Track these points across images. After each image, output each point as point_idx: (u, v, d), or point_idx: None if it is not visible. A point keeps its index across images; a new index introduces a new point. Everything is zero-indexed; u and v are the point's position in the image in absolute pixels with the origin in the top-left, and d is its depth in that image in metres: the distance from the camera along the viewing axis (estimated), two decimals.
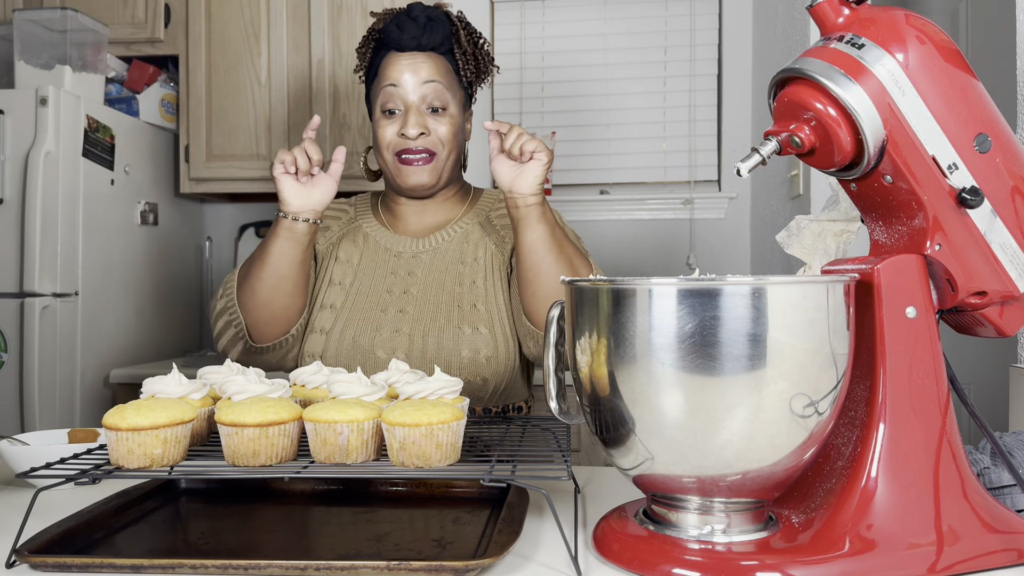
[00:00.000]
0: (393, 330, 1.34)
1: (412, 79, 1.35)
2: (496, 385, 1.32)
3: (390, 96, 1.36)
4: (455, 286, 1.37)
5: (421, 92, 1.35)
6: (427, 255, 1.42)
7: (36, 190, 2.23)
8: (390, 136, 1.36)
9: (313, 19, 2.68)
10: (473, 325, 1.33)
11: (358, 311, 1.37)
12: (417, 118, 1.35)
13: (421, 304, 1.36)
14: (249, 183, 2.72)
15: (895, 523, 0.71)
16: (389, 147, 1.37)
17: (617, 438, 0.73)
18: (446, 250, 1.42)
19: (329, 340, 1.34)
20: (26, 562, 0.71)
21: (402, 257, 1.42)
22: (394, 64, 1.36)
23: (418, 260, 1.41)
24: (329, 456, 0.80)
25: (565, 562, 0.75)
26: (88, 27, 2.46)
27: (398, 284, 1.39)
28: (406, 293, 1.38)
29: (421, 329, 1.33)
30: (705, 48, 2.93)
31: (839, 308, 0.69)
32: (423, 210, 1.45)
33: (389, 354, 1.32)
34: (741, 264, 2.92)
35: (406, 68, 1.35)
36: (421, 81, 1.35)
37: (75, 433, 1.11)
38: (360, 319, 1.35)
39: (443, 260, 1.41)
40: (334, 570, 0.69)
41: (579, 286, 0.73)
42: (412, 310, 1.35)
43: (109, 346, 2.51)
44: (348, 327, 1.35)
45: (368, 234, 1.46)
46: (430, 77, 1.35)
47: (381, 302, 1.37)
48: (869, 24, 0.73)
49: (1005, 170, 0.75)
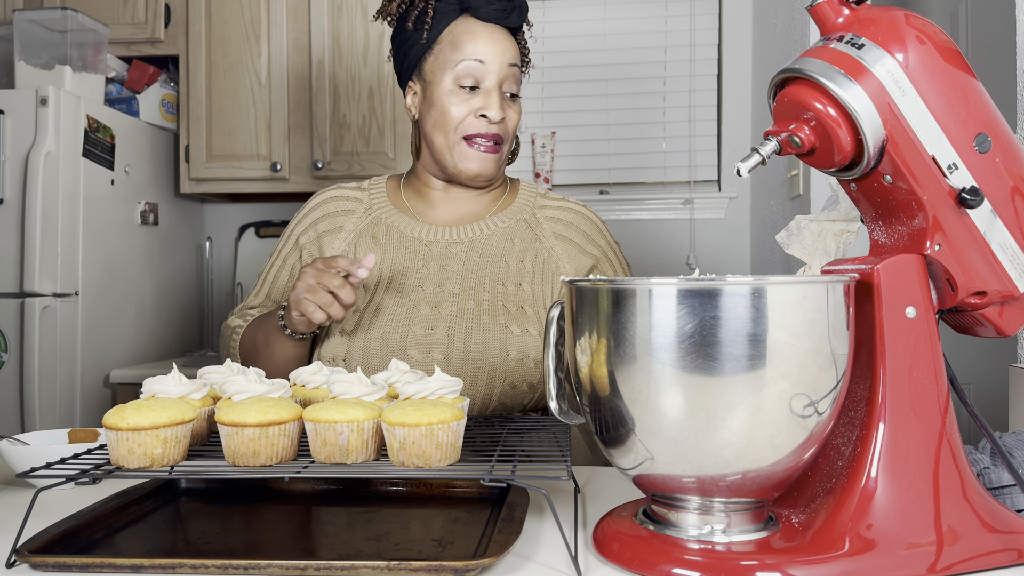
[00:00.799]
0: (428, 328, 1.22)
1: (499, 58, 1.23)
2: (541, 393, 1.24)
3: (471, 71, 1.23)
4: (498, 284, 1.26)
5: (505, 74, 1.24)
6: (461, 247, 1.30)
7: (36, 190, 2.23)
8: (463, 113, 1.24)
9: (313, 19, 2.68)
10: (522, 326, 1.22)
11: (387, 307, 1.25)
12: (499, 99, 1.24)
13: (460, 301, 1.24)
14: (249, 183, 2.73)
15: (895, 523, 0.71)
16: (458, 127, 1.25)
17: (617, 438, 0.73)
18: (485, 244, 1.30)
19: (353, 341, 1.23)
20: (26, 562, 0.71)
21: (433, 248, 1.30)
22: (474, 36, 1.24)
23: (451, 252, 1.29)
24: (329, 456, 0.80)
25: (565, 562, 0.75)
26: (88, 27, 2.46)
27: (430, 278, 1.27)
28: (440, 288, 1.26)
29: (462, 327, 1.22)
30: (705, 48, 2.93)
31: (839, 308, 0.69)
32: (459, 198, 1.34)
33: (424, 354, 1.22)
34: (741, 264, 2.92)
35: (491, 44, 1.23)
36: (507, 62, 1.24)
37: (75, 433, 1.11)
38: (389, 316, 1.24)
39: (482, 255, 1.29)
40: (334, 570, 0.69)
41: (579, 286, 0.73)
42: (448, 307, 1.24)
43: (109, 346, 2.51)
44: (375, 325, 1.23)
45: (391, 226, 1.33)
46: (513, 60, 1.25)
47: (413, 297, 1.25)
48: (869, 24, 0.73)
49: (1005, 170, 0.75)
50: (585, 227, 1.37)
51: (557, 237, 1.34)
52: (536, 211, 1.36)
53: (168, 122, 2.80)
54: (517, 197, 1.38)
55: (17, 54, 2.39)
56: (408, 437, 0.78)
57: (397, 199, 1.37)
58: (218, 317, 3.10)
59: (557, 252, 1.32)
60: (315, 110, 2.68)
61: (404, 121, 2.65)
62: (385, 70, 2.66)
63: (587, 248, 1.35)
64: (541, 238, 1.33)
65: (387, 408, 0.81)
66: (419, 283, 1.27)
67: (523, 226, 1.33)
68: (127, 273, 2.60)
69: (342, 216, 1.35)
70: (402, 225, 1.32)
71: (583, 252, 1.34)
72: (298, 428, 0.83)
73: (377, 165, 2.66)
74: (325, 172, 2.67)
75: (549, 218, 1.36)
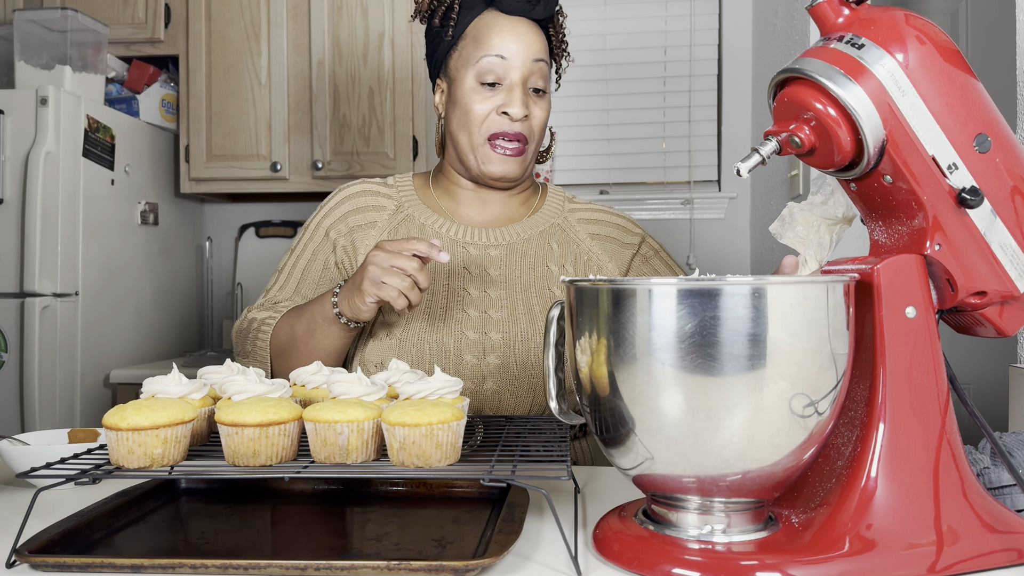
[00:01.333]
0: (481, 333, 1.19)
1: (523, 53, 1.19)
2: None
3: (492, 67, 1.19)
4: (544, 289, 1.24)
5: (529, 69, 1.20)
6: (499, 251, 1.26)
7: (36, 190, 2.23)
8: (486, 111, 1.20)
9: (313, 19, 2.68)
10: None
11: (436, 311, 1.20)
12: (523, 97, 1.19)
13: (510, 306, 1.21)
14: (249, 183, 2.73)
15: (895, 523, 0.71)
16: (481, 126, 1.21)
17: (617, 438, 0.73)
18: (525, 248, 1.27)
19: (404, 344, 1.18)
20: (26, 562, 0.71)
21: (471, 249, 1.25)
22: (499, 30, 1.20)
23: (490, 256, 1.25)
24: (329, 456, 0.80)
25: (565, 562, 0.75)
26: (88, 27, 2.46)
27: (474, 282, 1.23)
28: (486, 292, 1.22)
29: (518, 334, 1.19)
30: (705, 48, 2.93)
31: (839, 308, 0.69)
32: (489, 198, 1.30)
33: (480, 359, 1.18)
34: (741, 264, 2.92)
35: (514, 39, 1.19)
36: (532, 57, 1.20)
37: (75, 433, 1.11)
38: (440, 319, 1.19)
39: (522, 259, 1.26)
40: (334, 570, 0.69)
41: (579, 286, 0.73)
42: (497, 314, 1.20)
43: (109, 346, 2.51)
44: (429, 329, 1.19)
45: (425, 224, 1.28)
46: (540, 55, 1.21)
47: (462, 301, 1.21)
48: (869, 24, 0.73)
49: (1005, 170, 0.75)
50: (618, 222, 1.37)
51: (593, 238, 1.32)
52: (567, 215, 1.34)
53: (168, 122, 2.80)
54: (547, 201, 1.35)
55: (17, 54, 2.39)
56: (408, 437, 0.78)
57: (428, 197, 1.33)
58: (218, 317, 3.10)
59: (596, 252, 1.31)
60: (315, 110, 2.68)
61: (404, 121, 2.66)
62: (385, 70, 2.66)
63: (626, 240, 1.35)
64: (577, 240, 1.31)
65: (387, 408, 0.81)
66: (464, 286, 1.23)
67: (557, 230, 1.31)
68: (127, 273, 2.60)
69: (373, 212, 1.30)
70: (436, 224, 1.28)
71: (623, 246, 1.34)
72: (298, 428, 0.83)
73: (377, 165, 2.66)
74: (325, 172, 2.67)
75: (581, 220, 1.34)
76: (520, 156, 1.23)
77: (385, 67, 2.66)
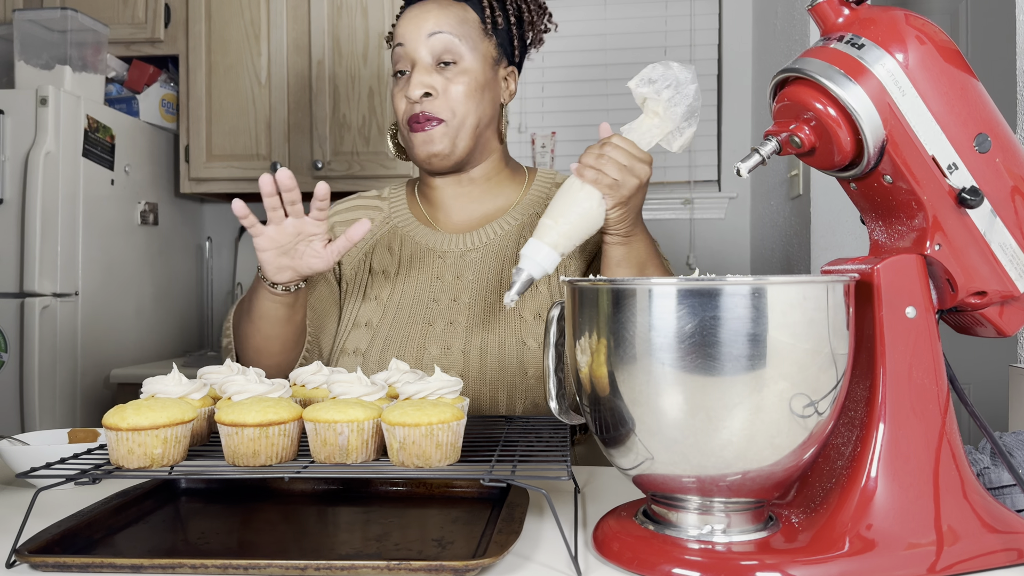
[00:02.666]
0: (443, 347, 1.16)
1: (415, 33, 1.16)
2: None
3: (399, 57, 1.18)
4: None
5: (428, 46, 1.16)
6: (476, 253, 1.22)
7: (36, 190, 2.23)
8: (401, 101, 1.18)
9: (313, 19, 2.68)
10: (539, 339, 1.13)
11: (400, 327, 1.18)
12: (419, 76, 1.15)
13: (473, 313, 1.17)
14: (249, 183, 2.72)
15: (895, 523, 0.71)
16: (402, 116, 1.18)
17: (617, 438, 0.73)
18: (499, 246, 1.22)
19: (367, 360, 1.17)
20: (26, 562, 0.71)
21: (447, 258, 1.22)
22: (402, 20, 1.18)
23: (466, 260, 1.21)
24: (329, 456, 0.80)
25: (565, 562, 0.75)
26: (88, 27, 2.46)
27: (445, 291, 1.20)
28: (456, 301, 1.19)
29: (477, 345, 1.15)
30: (705, 48, 2.93)
31: (839, 308, 0.69)
32: (465, 196, 1.26)
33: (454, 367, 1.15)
34: (741, 264, 2.92)
35: (409, 21, 1.17)
36: (426, 34, 1.16)
37: (75, 433, 1.11)
38: (402, 336, 1.17)
39: (495, 258, 1.21)
40: (334, 570, 0.69)
41: (579, 286, 0.73)
42: (464, 321, 1.17)
43: (109, 346, 2.51)
44: (389, 346, 1.17)
45: (406, 236, 1.26)
46: (436, 28, 1.16)
47: (427, 314, 1.18)
48: (869, 24, 0.73)
49: (1005, 170, 0.75)
50: None
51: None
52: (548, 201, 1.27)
53: (168, 122, 2.80)
54: (533, 187, 1.29)
55: (17, 54, 2.39)
56: (408, 437, 0.78)
57: (414, 206, 1.31)
58: (218, 317, 3.10)
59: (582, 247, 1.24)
60: (315, 110, 2.68)
61: None
62: (385, 70, 2.66)
63: None
64: None
65: (387, 408, 0.81)
66: (434, 298, 1.20)
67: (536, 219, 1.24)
68: (127, 273, 2.60)
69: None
70: (416, 235, 1.26)
71: None
72: (298, 428, 0.83)
73: (377, 165, 2.66)
74: (325, 172, 2.67)
75: None
76: (438, 131, 1.16)
77: (385, 67, 2.65)
